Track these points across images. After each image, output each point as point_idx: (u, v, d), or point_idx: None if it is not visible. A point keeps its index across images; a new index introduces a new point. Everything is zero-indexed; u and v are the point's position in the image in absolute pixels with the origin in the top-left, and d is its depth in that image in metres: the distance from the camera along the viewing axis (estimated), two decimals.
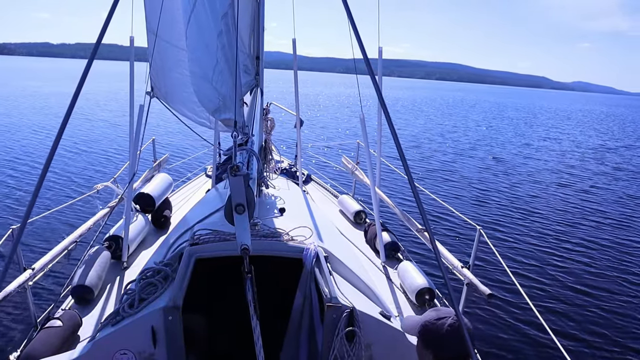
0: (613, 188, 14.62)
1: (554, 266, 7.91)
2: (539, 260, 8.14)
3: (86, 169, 13.23)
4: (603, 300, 6.80)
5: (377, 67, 4.19)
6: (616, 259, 8.46)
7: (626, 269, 8.01)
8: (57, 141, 1.62)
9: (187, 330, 2.33)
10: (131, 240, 4.24)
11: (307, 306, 2.55)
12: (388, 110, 1.76)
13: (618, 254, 8.72)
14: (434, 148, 20.73)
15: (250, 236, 1.91)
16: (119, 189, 4.88)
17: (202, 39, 2.31)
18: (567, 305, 6.58)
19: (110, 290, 3.65)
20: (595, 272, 7.78)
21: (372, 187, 4.45)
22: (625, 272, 7.87)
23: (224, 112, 2.39)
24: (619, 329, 6.07)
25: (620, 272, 7.84)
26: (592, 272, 7.77)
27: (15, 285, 2.89)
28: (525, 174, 15.94)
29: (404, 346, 2.45)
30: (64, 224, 8.37)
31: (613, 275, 7.69)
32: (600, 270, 7.87)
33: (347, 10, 1.81)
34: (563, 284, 7.26)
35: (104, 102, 34.51)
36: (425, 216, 1.67)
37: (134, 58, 3.92)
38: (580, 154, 21.81)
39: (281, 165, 6.34)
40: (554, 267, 7.89)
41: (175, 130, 19.44)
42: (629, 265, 8.19)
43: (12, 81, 54.05)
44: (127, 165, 4.18)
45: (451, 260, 3.63)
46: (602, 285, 7.32)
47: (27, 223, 1.67)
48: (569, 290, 7.04)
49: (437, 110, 45.77)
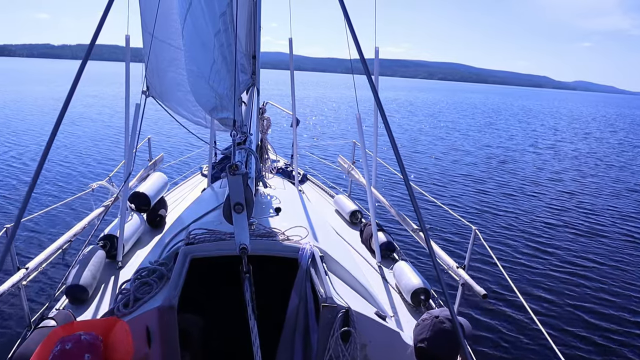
0: (612, 187, 14.71)
1: (549, 266, 7.95)
2: (533, 260, 8.18)
3: (81, 167, 13.17)
4: (597, 300, 6.84)
5: (374, 68, 4.20)
6: (612, 259, 8.51)
7: (622, 269, 8.06)
8: (51, 139, 1.61)
9: (182, 330, 2.32)
10: (126, 240, 4.22)
11: (303, 306, 2.55)
12: (384, 111, 1.77)
13: (614, 254, 8.77)
14: (430, 148, 20.78)
15: (249, 236, 1.91)
16: (114, 188, 4.86)
17: (199, 38, 2.30)
18: (561, 305, 6.61)
19: (105, 290, 3.63)
20: (590, 272, 7.82)
21: (368, 187, 4.45)
22: (621, 272, 7.92)
23: (222, 111, 2.38)
24: (613, 328, 6.11)
25: (616, 272, 7.88)
26: (587, 273, 7.81)
27: (9, 285, 2.88)
28: (520, 175, 16.00)
29: (399, 346, 2.46)
30: (59, 223, 8.33)
31: (608, 276, 7.73)
32: (595, 271, 7.92)
33: (344, 10, 1.81)
34: (558, 284, 7.30)
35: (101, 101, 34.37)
36: (421, 216, 1.68)
37: (130, 58, 3.91)
38: (577, 155, 21.92)
39: (277, 164, 6.33)
40: (548, 267, 7.93)
41: (171, 129, 19.39)
42: (625, 265, 8.24)
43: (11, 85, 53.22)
44: (123, 164, 4.17)
45: (446, 261, 3.64)
46: (596, 285, 7.36)
47: (20, 222, 1.66)
48: (564, 290, 7.08)
49: (436, 111, 45.48)
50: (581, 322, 6.21)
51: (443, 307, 2.41)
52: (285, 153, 9.08)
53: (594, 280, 7.55)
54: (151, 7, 3.66)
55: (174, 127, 18.75)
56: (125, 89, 3.92)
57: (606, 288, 7.29)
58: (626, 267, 8.15)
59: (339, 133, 24.78)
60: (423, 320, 2.53)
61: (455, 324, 1.65)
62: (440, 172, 15.42)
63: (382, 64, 4.26)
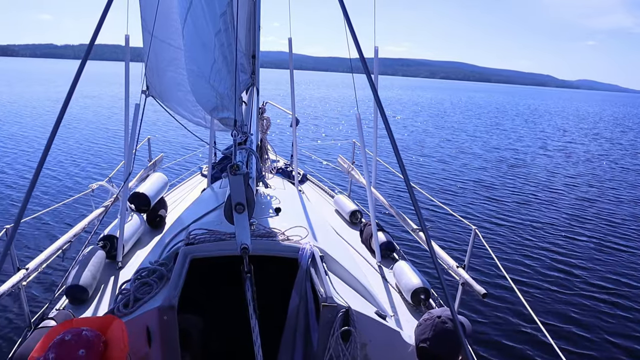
0: (611, 187, 14.71)
1: (549, 266, 7.95)
2: (534, 260, 8.18)
3: (81, 168, 13.16)
4: (598, 300, 6.84)
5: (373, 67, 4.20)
6: (612, 258, 8.51)
7: (622, 268, 8.06)
8: (51, 140, 1.61)
9: (183, 330, 2.32)
10: (126, 240, 4.22)
11: (303, 306, 2.55)
12: (384, 110, 1.77)
13: (614, 254, 8.78)
14: (436, 151, 20.77)
15: (250, 236, 1.91)
16: (114, 189, 4.86)
17: (199, 38, 2.30)
18: (562, 305, 6.61)
19: (105, 290, 3.63)
20: (591, 272, 7.82)
21: (368, 187, 4.45)
22: (621, 271, 7.92)
23: (222, 111, 2.38)
24: (613, 327, 6.11)
25: (616, 272, 7.88)
26: (587, 272, 7.81)
27: (9, 286, 2.87)
28: (521, 174, 16.00)
29: (399, 345, 2.46)
30: (59, 223, 8.33)
31: (608, 275, 7.74)
32: (596, 270, 7.92)
33: (344, 10, 1.81)
34: (558, 283, 7.30)
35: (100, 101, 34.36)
36: (421, 216, 1.68)
37: (129, 57, 3.91)
38: (577, 154, 21.92)
39: (277, 164, 6.33)
40: (548, 266, 7.93)
41: (171, 129, 19.38)
42: (625, 264, 8.24)
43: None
44: (123, 164, 4.17)
45: (446, 260, 3.64)
46: (597, 284, 7.36)
47: (20, 222, 1.66)
48: (564, 290, 7.08)
49: (441, 111, 44.38)
50: (581, 321, 6.21)
51: (444, 307, 2.41)
52: (285, 153, 9.08)
53: (594, 278, 7.55)
54: (151, 7, 3.66)
55: (173, 127, 18.76)
56: (125, 89, 3.92)
57: (607, 286, 7.30)
58: (633, 267, 8.16)
59: (338, 133, 24.79)
60: (425, 320, 2.52)
61: (456, 323, 1.64)
62: (447, 177, 15.36)
63: (383, 62, 4.28)
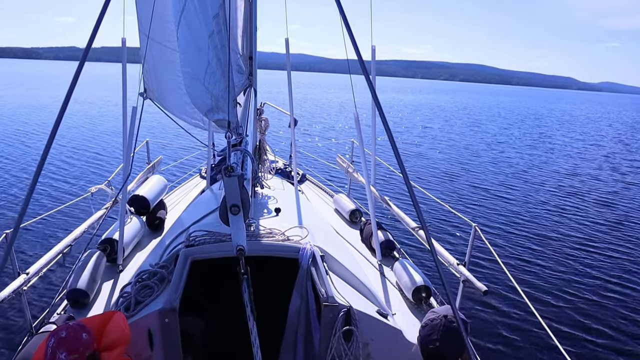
0: (610, 186, 14.73)
1: (550, 262, 7.96)
2: (534, 256, 8.19)
3: (79, 171, 13.15)
4: (599, 296, 6.85)
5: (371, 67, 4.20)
6: (612, 255, 8.53)
7: (622, 265, 8.07)
8: (49, 143, 1.61)
9: (184, 332, 2.32)
10: (126, 243, 4.21)
11: (304, 306, 2.55)
12: (383, 110, 1.77)
13: (614, 250, 8.79)
14: (429, 146, 20.77)
15: (245, 237, 1.91)
16: (113, 192, 4.85)
17: (194, 40, 2.29)
18: (563, 301, 6.62)
19: (105, 293, 3.62)
20: (591, 268, 7.83)
21: (367, 186, 4.45)
22: (624, 268, 7.93)
23: (217, 113, 2.37)
24: (614, 324, 6.12)
25: (616, 268, 7.90)
26: (588, 268, 7.82)
27: (10, 291, 2.87)
28: (520, 172, 16.02)
29: (401, 344, 2.46)
30: (58, 227, 8.32)
31: (609, 271, 7.75)
32: (596, 266, 7.93)
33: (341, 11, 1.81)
34: (559, 279, 7.31)
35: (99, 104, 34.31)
36: (421, 214, 1.67)
37: (126, 60, 3.90)
38: (577, 153, 21.93)
39: (276, 165, 6.32)
40: (549, 263, 7.93)
41: (170, 131, 19.36)
42: (625, 262, 8.25)
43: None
44: (121, 167, 4.16)
45: (447, 258, 3.64)
46: (597, 280, 7.37)
47: (20, 227, 1.65)
48: (565, 286, 7.09)
49: (474, 120, 39.48)
50: (583, 317, 6.21)
51: (447, 306, 2.40)
52: (285, 153, 9.08)
53: (596, 275, 7.56)
54: (147, 9, 3.65)
55: (172, 129, 18.74)
56: (123, 91, 3.91)
57: (609, 282, 7.31)
58: (633, 265, 8.16)
59: (338, 132, 24.78)
60: (431, 321, 2.45)
61: (458, 321, 1.64)
62: (439, 170, 15.38)
63: (402, 65, 4.27)
